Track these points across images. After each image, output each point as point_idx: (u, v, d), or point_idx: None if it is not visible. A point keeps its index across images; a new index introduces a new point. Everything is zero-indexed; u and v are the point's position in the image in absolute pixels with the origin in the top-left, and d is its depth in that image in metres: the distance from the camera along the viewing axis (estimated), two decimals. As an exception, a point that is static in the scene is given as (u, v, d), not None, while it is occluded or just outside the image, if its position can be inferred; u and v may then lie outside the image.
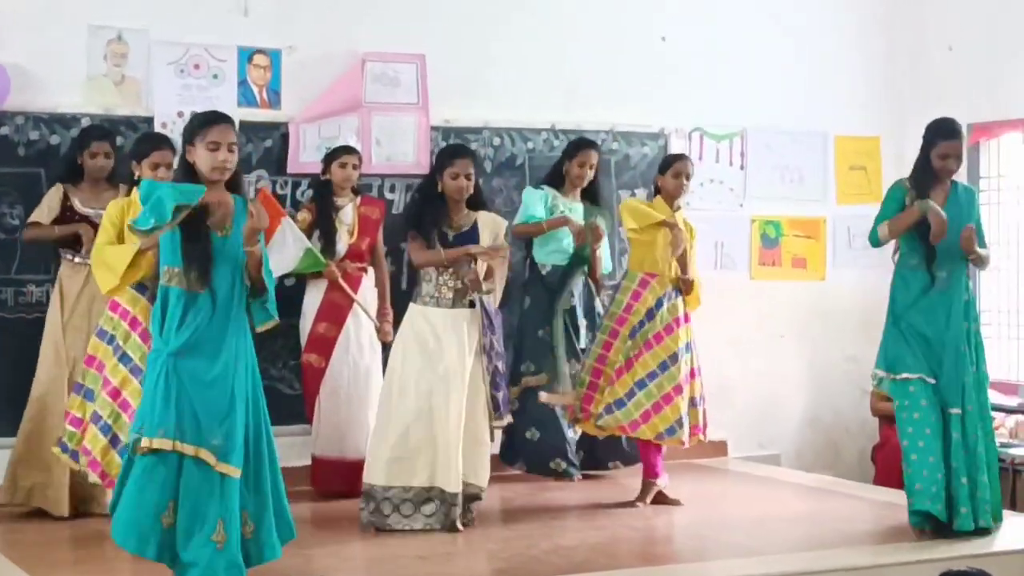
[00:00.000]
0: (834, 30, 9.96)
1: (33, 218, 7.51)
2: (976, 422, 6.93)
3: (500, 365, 7.17)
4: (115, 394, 6.68)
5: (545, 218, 8.30)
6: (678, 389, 7.60)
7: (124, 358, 6.71)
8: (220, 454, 5.60)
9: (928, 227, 6.84)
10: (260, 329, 5.96)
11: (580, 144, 8.52)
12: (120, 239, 6.82)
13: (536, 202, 8.33)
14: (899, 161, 9.49)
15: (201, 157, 5.68)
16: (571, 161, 8.44)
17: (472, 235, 7.12)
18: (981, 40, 9.66)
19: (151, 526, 5.55)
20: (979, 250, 6.92)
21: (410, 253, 7.20)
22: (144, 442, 5.56)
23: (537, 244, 8.40)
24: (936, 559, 6.27)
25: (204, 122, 5.74)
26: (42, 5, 7.89)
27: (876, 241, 7.02)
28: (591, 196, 8.50)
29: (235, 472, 5.63)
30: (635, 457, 8.33)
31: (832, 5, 9.98)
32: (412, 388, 7.00)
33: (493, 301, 7.25)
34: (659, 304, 7.67)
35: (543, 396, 8.21)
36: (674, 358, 7.63)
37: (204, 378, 5.62)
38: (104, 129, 7.72)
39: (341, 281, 7.88)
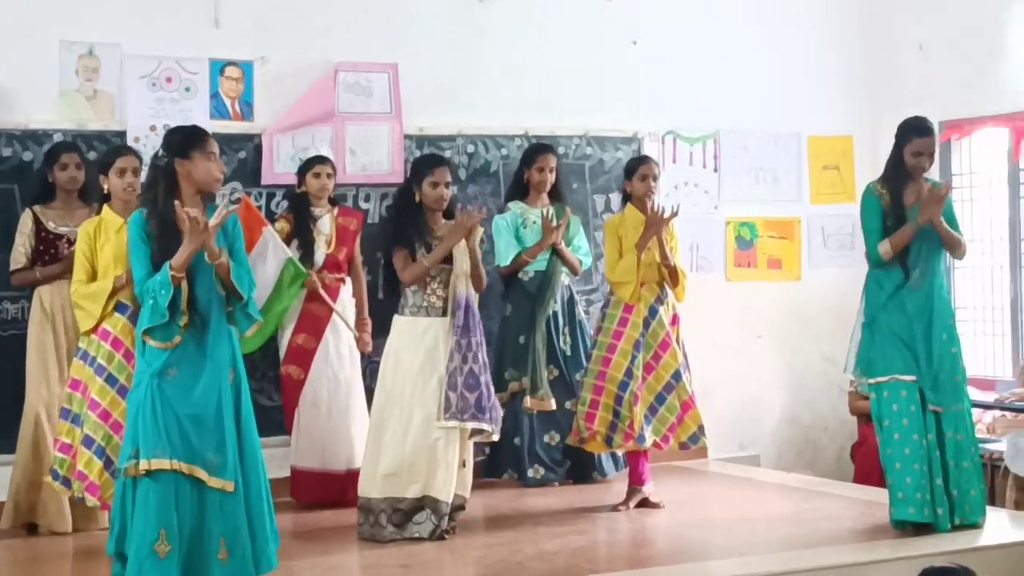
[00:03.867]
0: (805, 31, 10.00)
1: (13, 266, 7.46)
2: (955, 421, 6.96)
3: (476, 367, 7.05)
4: (105, 416, 6.66)
5: (518, 243, 8.41)
6: (693, 396, 7.71)
7: (110, 379, 6.70)
8: (212, 469, 5.59)
9: (902, 226, 6.90)
10: (247, 334, 5.97)
11: (536, 149, 8.61)
12: (93, 268, 6.83)
13: (506, 235, 8.39)
14: (872, 160, 9.53)
15: (202, 168, 5.75)
16: (530, 168, 8.52)
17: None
18: (952, 38, 9.70)
19: (146, 557, 5.51)
20: (948, 229, 6.93)
21: (398, 271, 7.11)
22: (143, 464, 5.53)
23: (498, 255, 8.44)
24: (917, 555, 6.30)
25: (201, 133, 5.83)
26: (13, 21, 7.87)
27: (878, 259, 6.98)
28: (556, 198, 8.57)
29: (229, 486, 5.61)
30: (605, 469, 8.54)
31: (803, 6, 10.02)
32: (406, 400, 6.97)
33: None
34: (653, 312, 7.67)
35: (527, 402, 8.24)
36: (684, 365, 7.70)
37: (190, 394, 5.61)
38: (72, 142, 7.71)
39: (321, 291, 7.88)
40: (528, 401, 8.25)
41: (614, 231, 7.73)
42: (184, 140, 5.79)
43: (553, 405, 8.25)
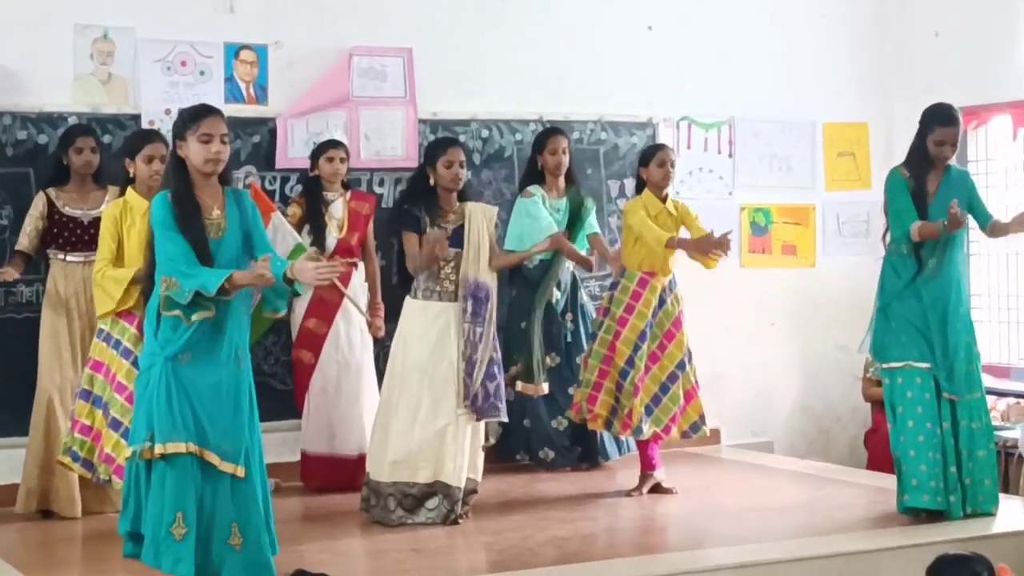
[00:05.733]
0: (821, 17, 9.97)
1: (18, 247, 7.48)
2: (970, 410, 6.95)
3: (481, 356, 7.07)
4: (133, 400, 6.64)
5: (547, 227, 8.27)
6: (697, 386, 7.72)
7: (137, 364, 6.68)
8: (224, 455, 5.58)
9: (923, 214, 6.88)
10: (266, 315, 5.97)
11: (547, 133, 8.59)
12: (120, 248, 6.83)
13: (540, 216, 8.25)
14: (887, 147, 9.53)
15: (193, 150, 5.65)
16: (543, 152, 8.48)
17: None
18: (967, 25, 9.67)
19: (163, 538, 5.50)
20: (996, 220, 7.01)
21: (408, 256, 7.03)
22: (158, 448, 5.51)
23: (522, 238, 8.27)
24: (930, 543, 6.29)
25: (195, 115, 5.70)
26: (28, 5, 7.87)
27: (908, 238, 6.90)
28: (570, 181, 8.54)
29: (240, 471, 5.60)
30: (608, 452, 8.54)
31: (818, -7, 10.01)
32: (415, 385, 6.97)
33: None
34: (661, 302, 7.66)
35: (519, 386, 8.25)
36: (688, 355, 7.69)
37: (204, 380, 5.59)
38: (87, 126, 7.72)
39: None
40: (519, 386, 8.24)
41: (644, 209, 7.58)
42: (180, 122, 5.73)
43: (546, 390, 8.23)
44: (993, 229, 7.08)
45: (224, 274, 5.51)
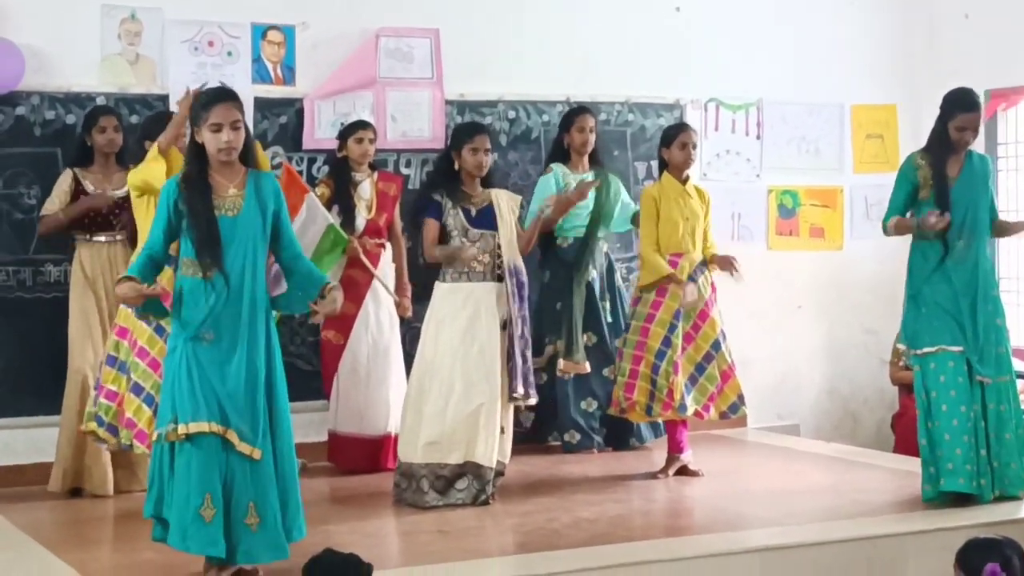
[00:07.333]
0: (851, -1, 9.93)
1: (44, 211, 7.53)
2: (999, 393, 6.92)
3: (525, 334, 7.12)
4: (155, 365, 6.64)
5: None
6: (733, 366, 7.71)
7: (159, 330, 6.67)
8: (242, 435, 5.57)
9: (944, 198, 6.84)
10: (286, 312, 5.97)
11: (574, 111, 8.58)
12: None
13: (542, 196, 8.27)
14: (916, 129, 9.45)
15: (207, 139, 5.63)
16: (569, 130, 8.47)
17: (492, 210, 7.11)
18: (997, 7, 9.60)
19: (191, 521, 5.50)
20: (1001, 220, 7.02)
21: (425, 241, 7.13)
22: (181, 428, 5.51)
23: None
24: (957, 527, 6.27)
25: (205, 104, 5.65)
26: (56, -15, 7.90)
27: (885, 230, 7.08)
28: (595, 161, 8.54)
29: (257, 454, 5.60)
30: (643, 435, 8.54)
31: (847, -26, 9.95)
32: (447, 367, 6.97)
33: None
34: (691, 282, 7.64)
35: (560, 364, 8.25)
36: (723, 335, 7.68)
37: (223, 360, 5.57)
38: (110, 106, 7.76)
39: (363, 257, 7.88)
40: (561, 363, 8.26)
41: (653, 202, 7.66)
42: (196, 109, 5.70)
43: (588, 368, 8.25)
44: (997, 229, 7.10)
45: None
